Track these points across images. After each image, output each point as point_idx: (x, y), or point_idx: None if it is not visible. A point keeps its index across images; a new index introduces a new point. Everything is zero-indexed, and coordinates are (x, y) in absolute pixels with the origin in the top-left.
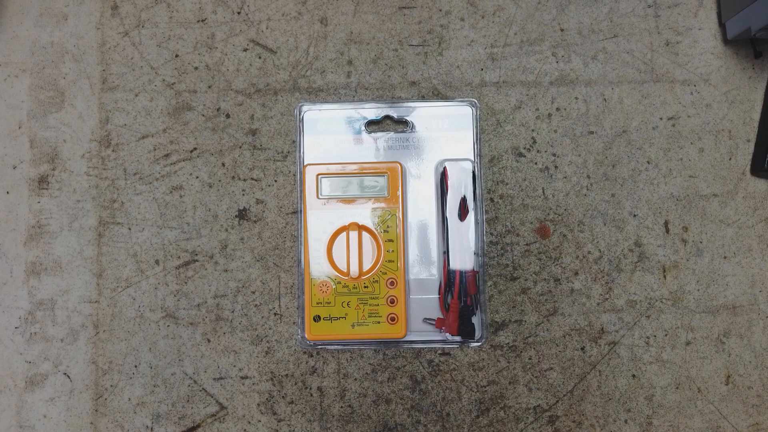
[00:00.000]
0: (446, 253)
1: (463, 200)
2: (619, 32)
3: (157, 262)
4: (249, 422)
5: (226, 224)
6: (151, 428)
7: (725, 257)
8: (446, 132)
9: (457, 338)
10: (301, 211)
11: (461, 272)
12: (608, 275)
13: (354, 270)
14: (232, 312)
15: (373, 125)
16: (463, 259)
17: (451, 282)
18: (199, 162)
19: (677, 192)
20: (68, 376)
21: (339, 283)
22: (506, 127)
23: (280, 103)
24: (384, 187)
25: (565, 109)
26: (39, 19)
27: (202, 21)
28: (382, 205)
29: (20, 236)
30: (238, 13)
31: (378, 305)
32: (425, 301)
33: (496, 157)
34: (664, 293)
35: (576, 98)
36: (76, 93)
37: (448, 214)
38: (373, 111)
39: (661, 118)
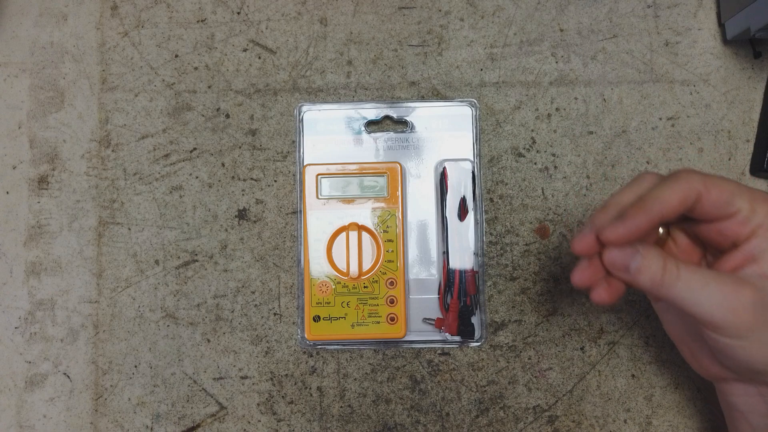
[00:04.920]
0: (446, 253)
1: (463, 200)
2: (619, 32)
3: (157, 262)
4: (249, 422)
5: (226, 224)
6: (151, 428)
7: None
8: (446, 132)
9: (457, 338)
10: (300, 211)
11: (461, 272)
12: None
13: (354, 270)
14: (232, 312)
15: (372, 125)
16: (463, 259)
17: (450, 282)
18: (198, 162)
19: None
20: (68, 376)
21: (339, 283)
22: (506, 127)
23: (279, 103)
24: (384, 187)
25: (564, 109)
26: (39, 19)
27: (202, 21)
28: (382, 205)
29: (20, 236)
30: (238, 13)
31: (378, 305)
32: (425, 301)
33: (496, 158)
34: None
35: (575, 98)
36: (75, 93)
37: (447, 214)
38: (372, 111)
39: (660, 119)
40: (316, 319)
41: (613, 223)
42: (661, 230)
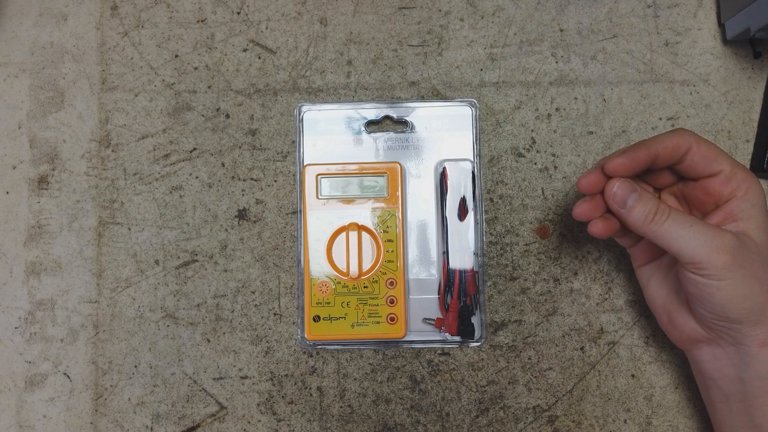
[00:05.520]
0: (446, 253)
1: (463, 200)
2: (619, 32)
3: (156, 262)
4: (249, 422)
5: (226, 224)
6: (151, 428)
7: None
8: (446, 132)
9: (457, 338)
10: (300, 211)
11: (461, 272)
12: (608, 275)
13: (354, 270)
14: (232, 312)
15: (372, 125)
16: (463, 259)
17: (450, 282)
18: (198, 162)
19: None
20: (68, 376)
21: (339, 283)
22: (506, 128)
23: (279, 103)
24: (384, 187)
25: (564, 109)
26: (39, 19)
27: (202, 21)
28: (382, 205)
29: (20, 236)
30: (238, 13)
31: (377, 305)
32: (425, 301)
33: (496, 158)
34: None
35: (575, 98)
36: (75, 93)
37: (447, 214)
38: (372, 111)
39: (660, 119)
40: (316, 319)
41: (616, 155)
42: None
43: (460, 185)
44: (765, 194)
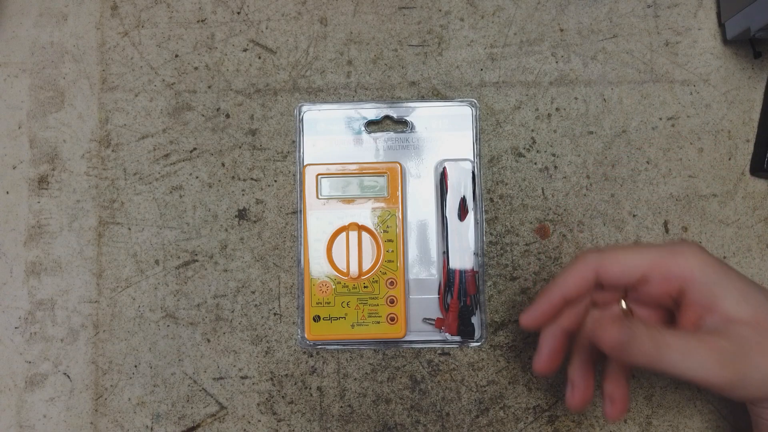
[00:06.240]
0: (446, 253)
1: (463, 200)
2: (619, 32)
3: (157, 262)
4: (249, 422)
5: (226, 224)
6: (151, 428)
7: (724, 257)
8: (446, 132)
9: (457, 338)
10: (300, 211)
11: (461, 272)
12: None
13: (354, 270)
14: (232, 312)
15: (372, 125)
16: (463, 259)
17: (450, 282)
18: (199, 162)
19: (677, 192)
20: (68, 376)
21: (339, 283)
22: (506, 127)
23: (280, 103)
24: (384, 187)
25: (564, 109)
26: (39, 19)
27: (202, 21)
28: (382, 205)
29: (20, 236)
30: (238, 13)
31: (378, 305)
32: (425, 301)
33: (496, 157)
34: None
35: (575, 98)
36: (75, 93)
37: (447, 214)
38: (372, 111)
39: (660, 119)
40: (316, 319)
41: (525, 309)
42: (624, 305)
43: (460, 185)
44: (715, 262)
